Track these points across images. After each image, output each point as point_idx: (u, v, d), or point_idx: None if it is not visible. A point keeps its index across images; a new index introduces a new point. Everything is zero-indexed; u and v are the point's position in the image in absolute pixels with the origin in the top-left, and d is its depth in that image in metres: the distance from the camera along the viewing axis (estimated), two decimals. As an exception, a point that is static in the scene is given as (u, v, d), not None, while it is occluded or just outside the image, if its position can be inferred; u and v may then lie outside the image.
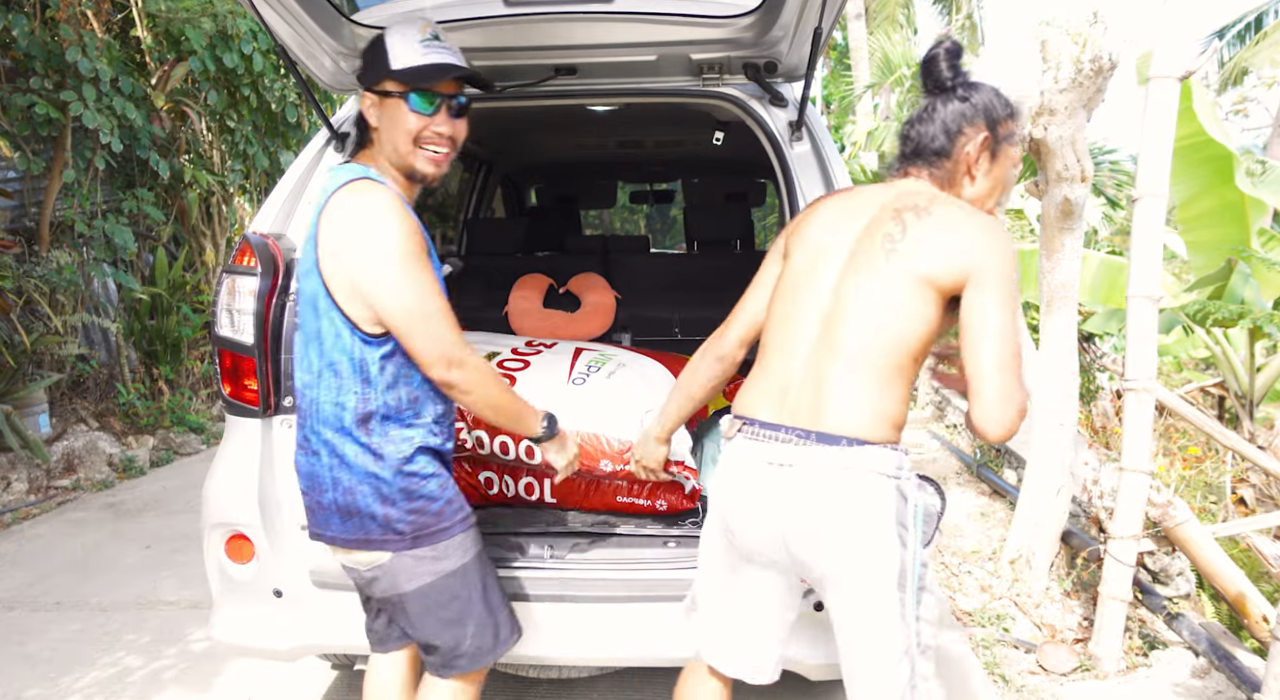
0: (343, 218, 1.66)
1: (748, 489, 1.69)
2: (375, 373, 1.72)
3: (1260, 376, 4.85)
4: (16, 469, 5.48)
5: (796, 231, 1.82)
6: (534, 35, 2.47)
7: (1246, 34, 13.01)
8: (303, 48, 2.49)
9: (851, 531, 1.58)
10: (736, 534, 1.74)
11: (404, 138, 1.77)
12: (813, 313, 1.69)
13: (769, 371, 1.72)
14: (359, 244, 1.64)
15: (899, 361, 1.62)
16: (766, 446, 1.65)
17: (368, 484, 1.73)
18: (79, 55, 5.64)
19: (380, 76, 1.75)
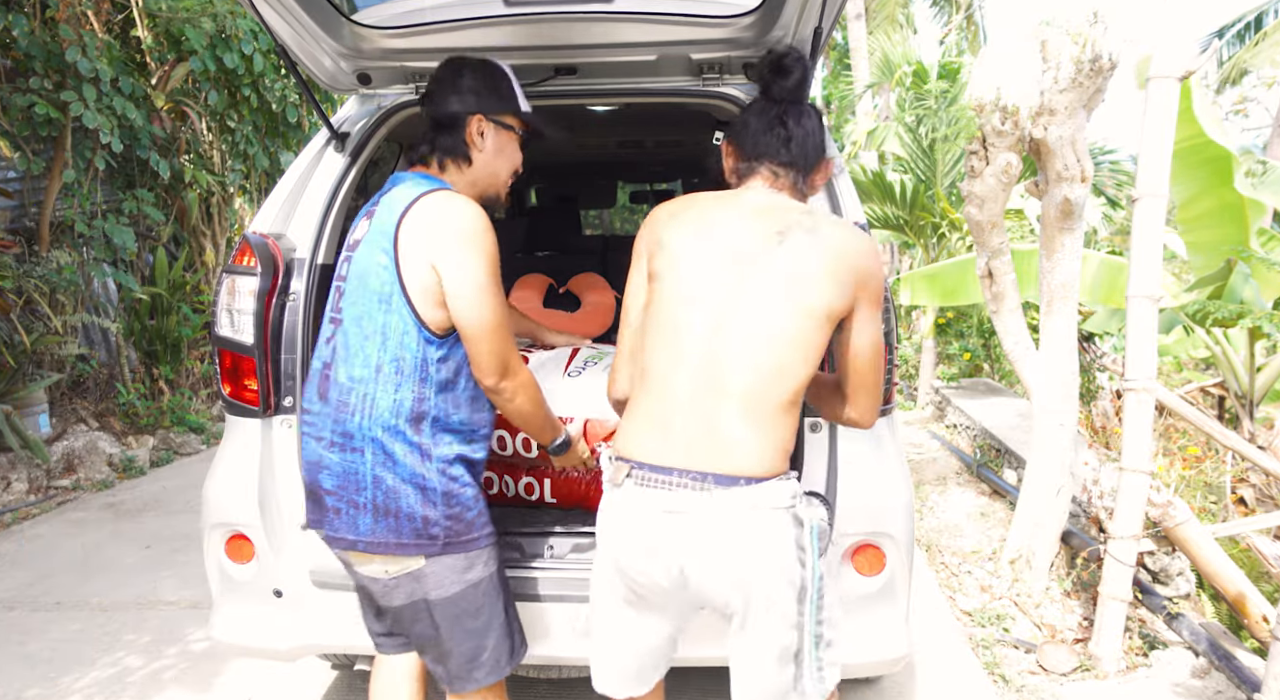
0: (444, 225, 1.73)
1: (643, 536, 1.61)
2: (434, 373, 1.78)
3: (1260, 376, 4.85)
4: (16, 469, 5.48)
5: (661, 251, 1.69)
6: (534, 35, 2.47)
7: (1246, 34, 13.01)
8: (303, 47, 2.49)
9: (754, 566, 1.57)
10: (632, 577, 1.67)
11: (508, 169, 1.99)
12: (696, 349, 1.60)
13: (651, 410, 1.63)
14: (460, 254, 1.72)
15: (793, 396, 1.60)
16: (661, 494, 1.58)
17: (412, 484, 1.77)
18: (79, 55, 5.64)
19: (506, 110, 1.94)
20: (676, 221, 1.70)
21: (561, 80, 2.65)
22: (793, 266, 1.58)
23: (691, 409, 1.58)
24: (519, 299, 3.71)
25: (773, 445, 1.58)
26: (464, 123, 1.90)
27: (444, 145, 1.91)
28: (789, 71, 1.72)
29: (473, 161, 1.93)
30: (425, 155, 1.93)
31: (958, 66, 8.42)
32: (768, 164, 1.73)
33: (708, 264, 1.63)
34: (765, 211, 1.67)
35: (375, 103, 2.68)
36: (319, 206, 2.46)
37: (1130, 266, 3.02)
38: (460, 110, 1.90)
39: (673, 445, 1.58)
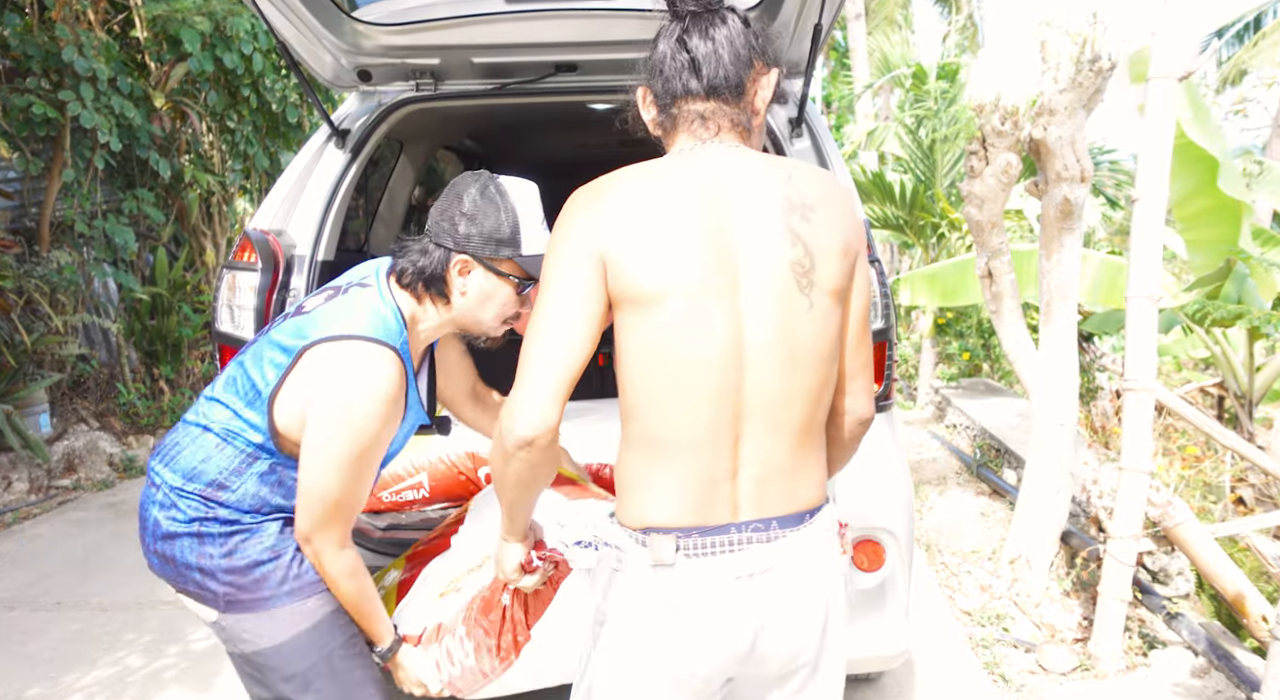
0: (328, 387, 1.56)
1: (711, 616, 1.29)
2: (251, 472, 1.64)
3: (1259, 376, 4.85)
4: (17, 469, 5.48)
5: (625, 263, 1.26)
6: (534, 32, 2.48)
7: (1245, 34, 13.02)
8: (304, 45, 2.50)
9: (830, 603, 1.37)
10: (691, 671, 1.32)
11: (496, 317, 1.75)
12: (720, 385, 1.27)
13: (680, 465, 1.28)
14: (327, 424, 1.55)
15: (830, 404, 1.39)
16: (725, 559, 1.29)
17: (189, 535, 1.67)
18: (75, 54, 5.64)
19: (503, 253, 1.67)
20: (631, 219, 1.27)
21: (562, 77, 2.66)
22: (797, 251, 1.28)
23: (735, 454, 1.29)
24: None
25: (821, 464, 1.39)
26: (446, 260, 1.67)
27: (421, 274, 1.68)
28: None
29: (451, 303, 1.71)
30: (400, 275, 1.69)
31: (956, 67, 8.43)
32: (686, 104, 1.34)
33: (698, 274, 1.26)
34: (735, 181, 1.30)
35: (375, 100, 2.69)
36: (320, 203, 2.47)
37: (1130, 266, 3.02)
38: (449, 243, 1.66)
39: (720, 498, 1.29)
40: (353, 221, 3.21)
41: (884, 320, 2.22)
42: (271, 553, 1.65)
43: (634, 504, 1.32)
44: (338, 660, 1.69)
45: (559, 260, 1.29)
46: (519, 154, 5.25)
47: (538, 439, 1.25)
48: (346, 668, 1.70)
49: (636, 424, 1.31)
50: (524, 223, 1.68)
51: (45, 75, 5.79)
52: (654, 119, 1.41)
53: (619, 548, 1.34)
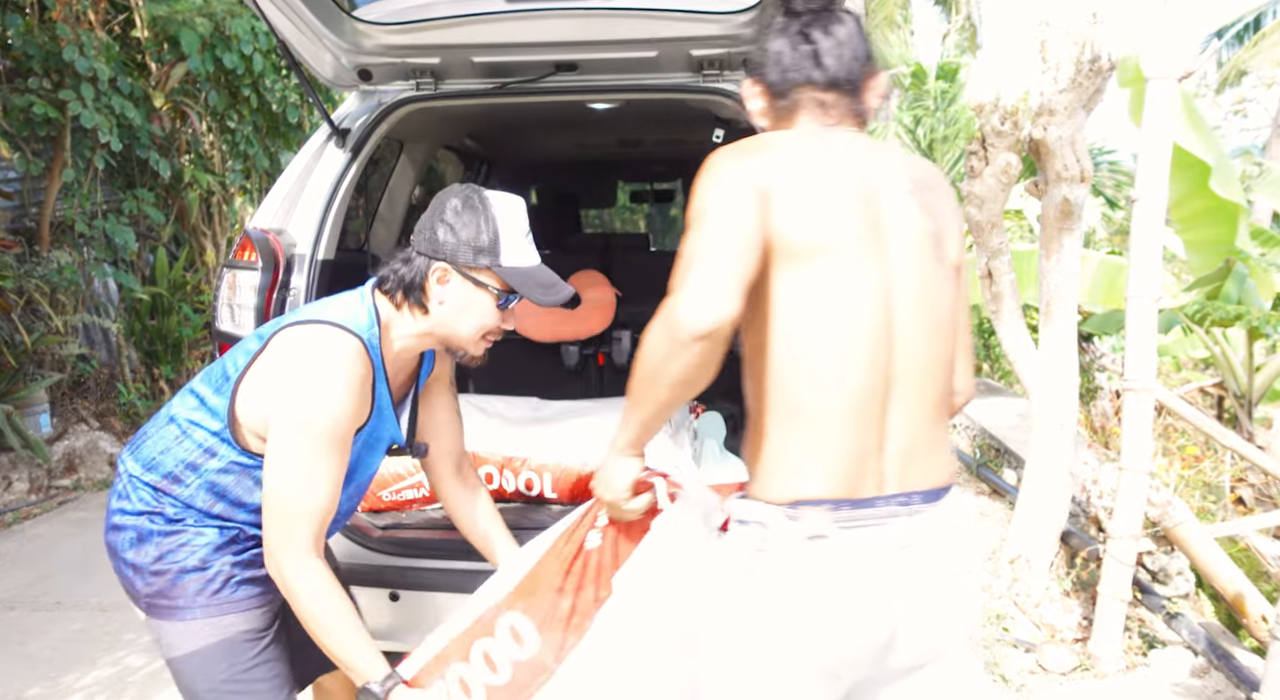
0: (289, 356, 1.56)
1: (863, 590, 1.27)
2: (207, 470, 1.61)
3: (1259, 376, 4.85)
4: (17, 469, 5.48)
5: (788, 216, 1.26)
6: (534, 31, 2.48)
7: (1245, 34, 13.02)
8: (304, 44, 2.50)
9: (950, 590, 1.35)
10: (839, 654, 1.30)
11: (475, 330, 1.69)
12: (871, 350, 1.27)
13: (830, 435, 1.26)
14: (285, 397, 1.52)
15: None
16: (875, 532, 1.27)
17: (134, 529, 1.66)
18: (76, 54, 5.65)
19: (478, 262, 1.63)
20: (790, 168, 1.29)
21: (562, 77, 2.66)
22: (931, 224, 1.34)
23: (882, 422, 1.29)
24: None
25: (947, 439, 1.38)
26: (425, 267, 1.64)
27: (401, 280, 1.65)
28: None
29: (428, 312, 1.66)
30: (387, 283, 1.67)
31: (955, 67, 8.44)
32: (807, 92, 1.38)
33: (855, 232, 1.28)
34: (869, 156, 1.35)
35: (376, 99, 2.69)
36: (320, 202, 2.47)
37: (1130, 267, 3.02)
38: (427, 250, 1.64)
39: (868, 470, 1.28)
40: (353, 221, 3.22)
41: None
42: (200, 563, 1.62)
43: (779, 477, 1.28)
44: (244, 686, 1.63)
45: (721, 189, 1.27)
46: (519, 153, 5.25)
47: (717, 331, 1.17)
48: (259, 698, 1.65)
49: (782, 392, 1.28)
50: (505, 233, 1.65)
51: (46, 75, 5.79)
52: (763, 108, 1.45)
53: (763, 523, 1.28)
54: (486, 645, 1.59)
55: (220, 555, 1.64)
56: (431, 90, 2.68)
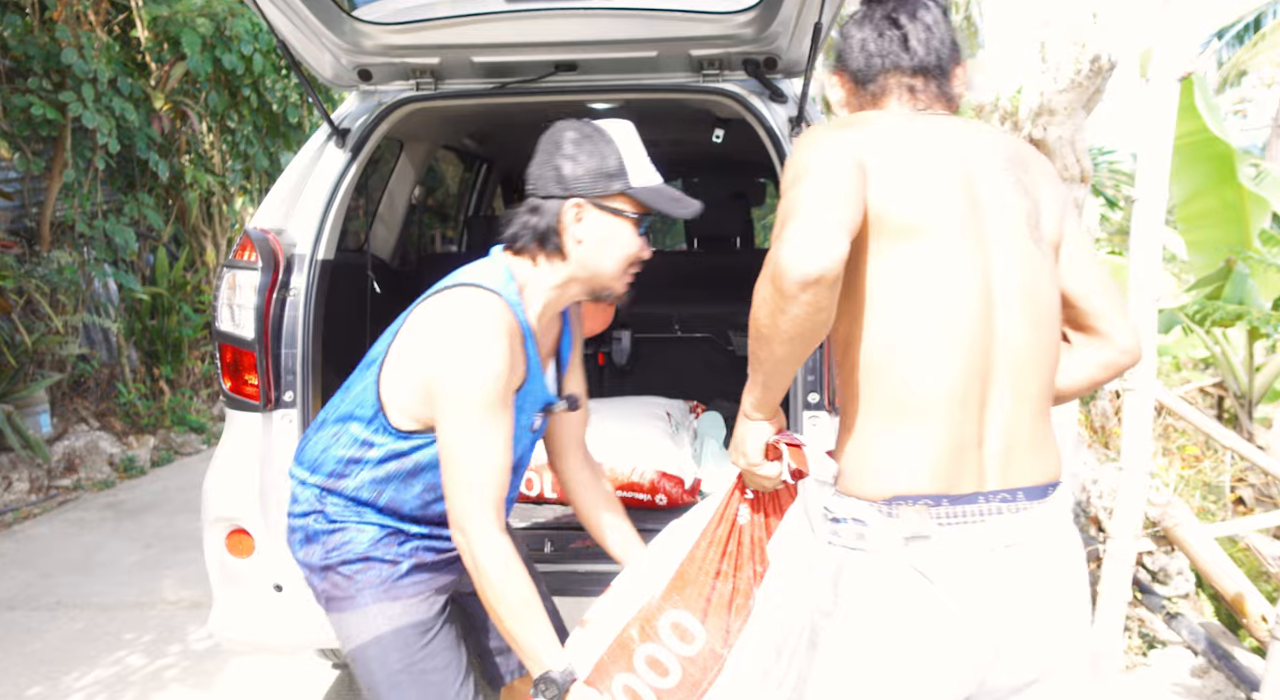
0: (435, 322, 1.55)
1: (967, 592, 1.20)
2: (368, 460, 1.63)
3: (1259, 376, 4.85)
4: (17, 469, 5.48)
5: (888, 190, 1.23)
6: (534, 31, 2.48)
7: (1245, 34, 13.01)
8: (304, 44, 2.50)
9: (1073, 598, 1.28)
10: (935, 669, 1.22)
11: (620, 262, 1.62)
12: (974, 336, 1.22)
13: (928, 427, 1.21)
14: (443, 362, 1.51)
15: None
16: (983, 528, 1.20)
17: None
18: (76, 56, 5.65)
19: (611, 189, 1.57)
20: (889, 144, 1.26)
21: (561, 77, 2.66)
22: (1028, 202, 1.30)
23: (982, 414, 1.23)
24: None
25: (1054, 435, 1.31)
26: (558, 209, 1.58)
27: (533, 232, 1.60)
28: None
29: (567, 255, 1.60)
30: (510, 241, 1.63)
31: None
32: (895, 78, 1.36)
33: (957, 211, 1.24)
34: (963, 135, 1.32)
35: (376, 99, 2.69)
36: (320, 202, 2.47)
37: (1129, 266, 3.02)
38: (555, 190, 1.58)
39: (968, 464, 1.22)
40: (353, 221, 3.22)
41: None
42: (364, 555, 1.64)
43: (875, 472, 1.23)
44: (418, 675, 1.65)
45: (820, 152, 1.23)
46: (519, 153, 5.24)
47: (826, 275, 1.09)
48: (435, 687, 1.65)
49: (878, 382, 1.23)
50: (627, 155, 1.59)
51: (46, 76, 5.79)
52: (844, 98, 1.44)
53: (859, 520, 1.22)
54: (650, 650, 1.52)
55: (383, 548, 1.66)
56: (431, 90, 2.68)
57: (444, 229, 5.30)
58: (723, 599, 1.51)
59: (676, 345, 4.07)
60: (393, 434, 1.60)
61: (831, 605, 1.24)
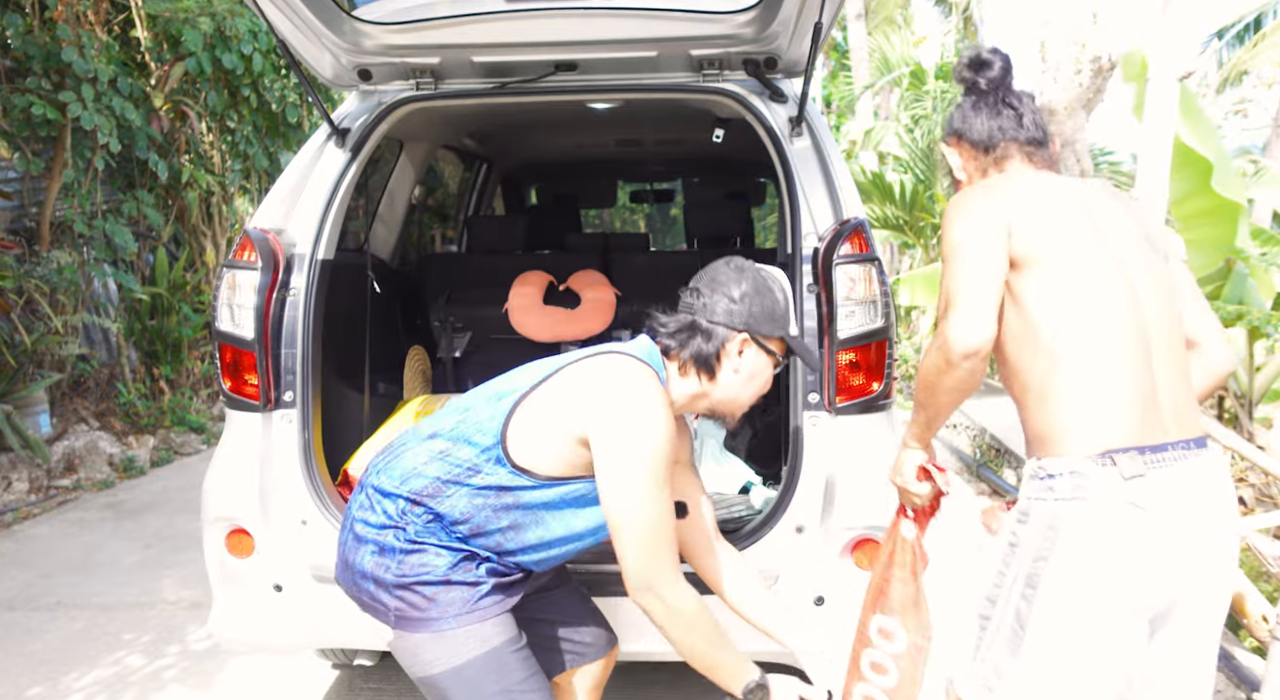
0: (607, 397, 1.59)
1: (1178, 525, 1.49)
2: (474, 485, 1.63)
3: (1259, 376, 4.85)
4: (17, 469, 5.48)
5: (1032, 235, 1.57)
6: (534, 31, 2.48)
7: (1246, 35, 13.02)
8: (304, 44, 2.50)
9: (1232, 527, 1.56)
10: (1149, 590, 1.51)
11: (753, 394, 1.76)
12: (1130, 317, 1.54)
13: (1118, 391, 1.51)
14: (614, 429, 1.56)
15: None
16: (1175, 467, 1.49)
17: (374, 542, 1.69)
18: (76, 55, 5.65)
19: (774, 333, 1.72)
20: (1029, 198, 1.62)
21: (561, 76, 2.66)
22: (1138, 227, 1.65)
23: (1153, 378, 1.53)
24: (519, 296, 3.71)
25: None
26: (726, 338, 1.70)
27: (695, 352, 1.70)
28: (991, 63, 1.77)
29: (718, 380, 1.72)
30: (673, 350, 1.72)
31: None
32: (1015, 145, 1.74)
33: (1087, 239, 1.58)
34: (1077, 186, 1.69)
35: (375, 99, 2.69)
36: (320, 202, 2.47)
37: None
38: (727, 322, 1.69)
39: (1152, 420, 1.51)
40: (353, 221, 3.21)
41: (884, 320, 2.22)
42: (443, 578, 1.62)
43: (1082, 432, 1.51)
44: (517, 697, 1.64)
45: (971, 226, 1.57)
46: (519, 153, 5.25)
47: (982, 348, 1.50)
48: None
49: (1066, 369, 1.53)
50: (789, 305, 1.75)
51: (46, 75, 5.79)
52: (963, 163, 1.80)
53: (1077, 472, 1.49)
54: (870, 655, 1.84)
55: (461, 571, 1.64)
56: (431, 90, 2.68)
57: (444, 229, 5.29)
58: (909, 599, 1.82)
59: None
60: (507, 468, 1.61)
61: (1049, 549, 1.51)
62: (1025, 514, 1.57)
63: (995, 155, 1.75)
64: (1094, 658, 1.51)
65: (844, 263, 2.20)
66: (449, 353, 3.78)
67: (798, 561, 2.22)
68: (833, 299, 2.19)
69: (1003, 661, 1.56)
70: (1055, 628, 1.51)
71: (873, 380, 2.22)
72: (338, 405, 2.74)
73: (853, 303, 2.19)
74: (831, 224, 2.33)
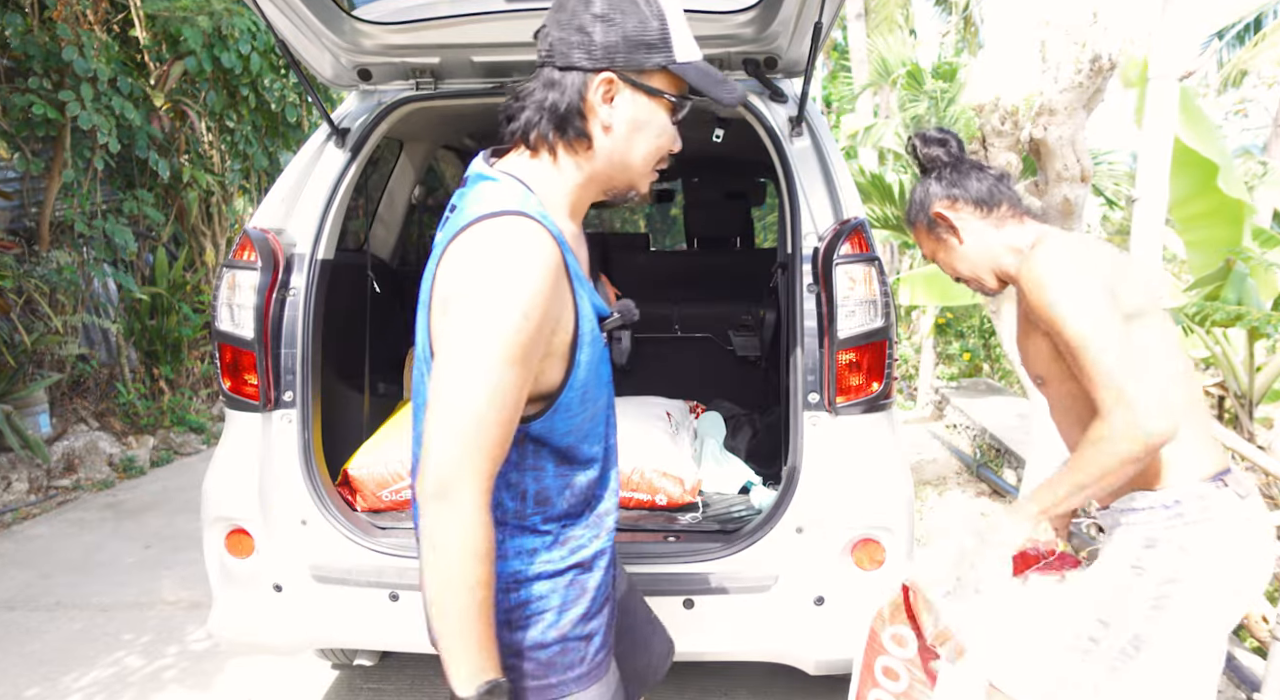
0: (460, 274, 1.17)
1: (1268, 528, 1.67)
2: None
3: (1260, 376, 4.84)
4: (17, 469, 5.47)
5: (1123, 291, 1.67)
6: (534, 30, 2.47)
7: (1246, 35, 13.02)
8: (303, 44, 2.49)
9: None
10: (1247, 597, 1.68)
11: (651, 152, 1.30)
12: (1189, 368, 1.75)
13: (1202, 428, 1.70)
14: (457, 313, 1.15)
15: None
16: (1253, 491, 1.68)
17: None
18: (76, 55, 5.65)
19: (653, 61, 1.24)
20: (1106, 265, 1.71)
21: (562, 77, 2.65)
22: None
23: (1209, 417, 1.77)
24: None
25: None
26: (582, 84, 1.23)
27: (552, 111, 1.24)
28: (947, 141, 1.91)
29: (593, 144, 1.26)
30: (523, 129, 1.27)
31: (954, 68, 8.42)
32: (1007, 202, 1.86)
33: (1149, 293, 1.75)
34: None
35: (375, 99, 2.69)
36: (319, 202, 2.47)
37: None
38: (580, 60, 1.22)
39: (1219, 450, 1.70)
40: (353, 221, 3.21)
41: (884, 320, 2.22)
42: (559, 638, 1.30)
43: (1198, 464, 1.65)
44: None
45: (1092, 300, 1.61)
46: None
47: (1174, 432, 1.53)
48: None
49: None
50: (672, 21, 1.25)
51: (45, 75, 5.79)
52: (969, 220, 1.86)
53: (1201, 496, 1.63)
54: (884, 661, 1.93)
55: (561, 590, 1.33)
56: (431, 90, 2.68)
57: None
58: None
59: (676, 345, 4.07)
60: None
61: (1182, 571, 1.61)
62: (1153, 540, 1.65)
63: (998, 213, 1.85)
64: (1208, 670, 1.66)
65: (844, 262, 2.20)
66: None
67: (798, 562, 2.22)
68: (833, 299, 2.19)
69: (1102, 680, 1.64)
70: (1179, 644, 1.61)
71: (873, 380, 2.22)
72: (338, 405, 2.74)
73: (853, 302, 2.19)
74: (831, 224, 2.33)
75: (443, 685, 1.20)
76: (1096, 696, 1.64)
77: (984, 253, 1.85)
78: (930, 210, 1.88)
